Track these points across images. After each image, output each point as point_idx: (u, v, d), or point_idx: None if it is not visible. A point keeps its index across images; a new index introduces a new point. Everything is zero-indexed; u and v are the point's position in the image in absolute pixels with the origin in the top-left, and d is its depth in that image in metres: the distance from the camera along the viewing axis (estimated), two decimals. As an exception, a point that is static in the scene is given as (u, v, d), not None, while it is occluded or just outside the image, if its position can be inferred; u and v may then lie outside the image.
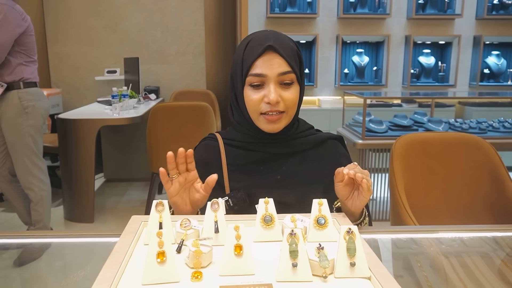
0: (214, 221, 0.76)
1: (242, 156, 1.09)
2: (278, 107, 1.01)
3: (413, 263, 0.90)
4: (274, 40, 1.01)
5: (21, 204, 2.70)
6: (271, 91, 0.99)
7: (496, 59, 4.76)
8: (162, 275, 0.62)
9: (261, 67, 1.00)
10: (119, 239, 0.73)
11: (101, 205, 3.55)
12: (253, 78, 1.01)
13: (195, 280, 0.63)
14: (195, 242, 0.66)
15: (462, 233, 0.97)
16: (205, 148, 1.14)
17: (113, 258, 0.66)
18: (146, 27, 4.34)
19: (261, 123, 1.04)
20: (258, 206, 0.80)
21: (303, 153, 1.11)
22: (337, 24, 4.65)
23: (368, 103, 3.52)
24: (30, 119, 2.53)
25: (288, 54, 1.01)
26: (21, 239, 0.98)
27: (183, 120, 2.97)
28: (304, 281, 0.63)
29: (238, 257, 0.64)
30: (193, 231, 0.75)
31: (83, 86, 4.40)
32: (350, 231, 0.65)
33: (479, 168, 1.69)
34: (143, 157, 3.91)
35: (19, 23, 2.43)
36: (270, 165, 1.08)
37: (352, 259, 0.64)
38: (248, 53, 1.03)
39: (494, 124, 3.09)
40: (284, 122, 1.05)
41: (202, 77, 4.46)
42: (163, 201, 0.78)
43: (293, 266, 0.62)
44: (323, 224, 0.77)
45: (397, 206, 1.57)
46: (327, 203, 0.80)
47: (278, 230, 0.78)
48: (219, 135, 1.15)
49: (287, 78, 1.01)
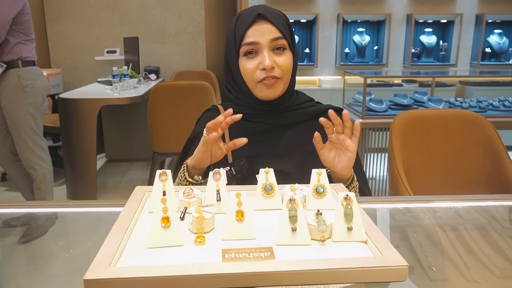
0: (216, 190, 0.78)
1: (243, 127, 1.10)
2: (274, 72, 1.03)
3: (409, 233, 0.92)
4: (263, 9, 1.04)
5: (24, 183, 2.73)
6: (265, 57, 1.01)
7: (498, 38, 4.73)
8: (167, 239, 0.64)
9: (253, 35, 1.03)
10: (124, 208, 0.75)
11: (103, 185, 3.58)
12: (246, 47, 1.04)
13: (198, 244, 0.65)
14: (198, 208, 0.68)
15: (457, 202, 1.00)
16: (207, 119, 1.15)
17: (119, 224, 0.68)
18: (145, 6, 4.30)
19: (259, 90, 1.07)
20: (258, 176, 0.82)
21: (303, 124, 1.13)
22: (338, 3, 4.60)
23: (368, 82, 3.52)
24: (30, 98, 2.53)
25: (278, 21, 1.04)
26: (28, 208, 1.01)
27: (183, 99, 2.98)
28: (303, 244, 0.65)
29: (239, 222, 0.66)
30: (195, 199, 0.77)
31: (83, 66, 4.39)
32: (348, 197, 0.67)
33: (477, 144, 1.70)
34: (144, 136, 3.93)
35: (16, 1, 2.42)
36: (270, 135, 1.11)
37: (349, 224, 0.66)
38: (239, 25, 1.05)
39: (494, 103, 3.09)
40: (281, 88, 1.07)
41: (202, 57, 4.44)
42: (167, 171, 0.80)
43: (292, 231, 0.64)
44: (321, 193, 0.79)
45: (395, 181, 1.59)
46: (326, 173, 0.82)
47: (278, 199, 0.80)
48: (221, 107, 1.17)
49: (280, 43, 1.04)
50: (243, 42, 1.04)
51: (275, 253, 0.61)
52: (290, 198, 0.65)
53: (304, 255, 0.62)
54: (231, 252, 0.61)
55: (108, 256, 0.58)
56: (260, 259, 0.59)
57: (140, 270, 0.56)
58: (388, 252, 0.60)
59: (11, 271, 0.77)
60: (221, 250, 0.62)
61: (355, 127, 0.94)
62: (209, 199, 0.78)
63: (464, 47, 4.72)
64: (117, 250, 0.61)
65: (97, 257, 0.58)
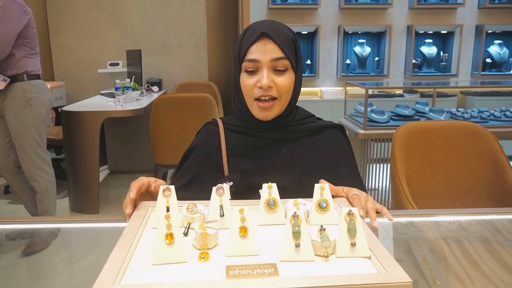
0: (220, 206, 0.78)
1: (241, 141, 1.11)
2: (271, 92, 1.03)
3: (413, 247, 0.92)
4: (268, 27, 1.04)
5: (27, 195, 2.74)
6: (264, 76, 1.01)
7: (498, 48, 4.75)
8: (171, 255, 0.64)
9: (255, 53, 1.03)
10: (127, 223, 0.76)
11: (105, 197, 3.58)
12: (247, 64, 1.04)
13: (202, 260, 0.65)
14: (202, 224, 0.68)
15: (461, 216, 1.00)
16: (206, 133, 1.18)
17: (123, 241, 0.68)
18: (148, 19, 4.34)
19: (255, 109, 1.07)
20: (261, 191, 0.82)
21: (301, 140, 1.13)
22: (338, 15, 4.64)
23: (370, 93, 3.53)
24: (34, 111, 2.55)
25: (282, 40, 1.03)
26: (30, 224, 1.01)
27: (186, 111, 3.00)
28: (306, 260, 0.65)
29: (243, 238, 0.67)
30: (199, 215, 0.78)
31: (86, 78, 4.42)
32: (351, 213, 0.67)
33: (479, 156, 1.70)
34: (146, 148, 3.94)
35: (21, 16, 2.45)
36: (267, 150, 1.11)
37: (353, 240, 0.66)
38: (245, 40, 1.06)
39: (496, 113, 3.09)
40: (277, 110, 1.06)
41: (204, 69, 4.47)
42: (170, 186, 0.80)
43: (296, 247, 0.65)
44: (325, 207, 0.79)
45: (398, 193, 1.59)
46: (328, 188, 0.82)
47: (281, 214, 0.81)
48: (220, 121, 1.18)
49: (280, 64, 1.03)
50: (245, 58, 1.04)
51: (278, 270, 0.61)
52: (294, 214, 0.65)
53: (308, 271, 0.62)
54: (235, 269, 0.61)
55: (113, 273, 0.58)
56: (264, 275, 0.59)
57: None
58: (392, 268, 0.60)
59: (15, 285, 0.77)
60: (225, 266, 0.62)
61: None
62: (212, 215, 0.78)
63: (465, 58, 4.74)
64: (121, 267, 0.61)
65: (102, 274, 0.58)
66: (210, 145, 1.13)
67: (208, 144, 1.14)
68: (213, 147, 1.13)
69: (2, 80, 2.44)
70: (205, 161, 1.12)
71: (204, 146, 1.14)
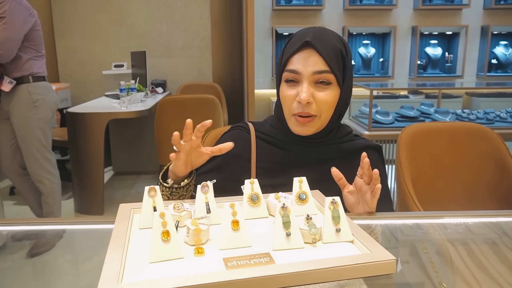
0: (205, 203, 0.80)
1: (273, 154, 1.05)
2: (310, 109, 0.96)
3: (419, 249, 0.92)
4: (314, 36, 0.96)
5: (32, 197, 2.75)
6: (303, 90, 0.94)
7: (504, 49, 4.72)
8: (168, 252, 0.65)
9: (296, 63, 0.96)
10: (114, 226, 0.76)
11: (110, 198, 3.59)
12: (287, 74, 0.97)
13: (199, 255, 0.66)
14: (194, 221, 0.70)
15: (468, 218, 0.99)
16: (234, 138, 1.02)
17: (115, 242, 0.69)
18: (152, 21, 4.36)
19: (292, 124, 1.00)
20: (244, 187, 0.84)
21: (336, 160, 1.03)
22: (343, 16, 4.63)
23: (374, 94, 3.52)
24: (40, 113, 2.57)
25: (327, 52, 0.95)
26: (35, 225, 1.02)
27: (190, 112, 3.00)
28: (297, 248, 0.68)
29: (235, 231, 0.69)
30: (186, 213, 0.79)
31: (91, 80, 4.45)
32: (334, 202, 0.72)
33: (485, 157, 1.69)
34: (151, 150, 3.95)
35: (27, 18, 2.46)
36: (299, 168, 1.03)
37: (337, 226, 0.71)
38: (288, 48, 0.99)
39: (502, 115, 3.07)
40: (315, 127, 0.99)
41: (208, 70, 4.48)
42: (155, 186, 0.82)
43: (287, 236, 0.68)
44: (304, 199, 0.83)
45: (404, 195, 1.58)
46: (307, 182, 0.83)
47: (264, 208, 0.83)
48: (251, 126, 1.10)
49: (323, 77, 0.95)
50: (286, 67, 0.98)
51: (273, 258, 0.64)
52: (283, 206, 0.69)
53: (300, 257, 0.66)
54: (233, 260, 0.63)
55: (114, 273, 0.59)
56: (262, 264, 0.62)
57: (151, 284, 0.56)
58: (376, 249, 0.65)
59: (20, 286, 0.78)
60: (222, 259, 0.64)
61: (373, 176, 0.87)
62: (199, 212, 0.80)
63: (470, 59, 4.72)
64: (120, 267, 0.61)
65: (104, 275, 0.58)
66: (238, 154, 1.05)
67: (235, 152, 0.99)
68: (241, 156, 1.06)
69: (8, 82, 2.46)
70: (231, 168, 1.06)
71: (230, 153, 0.97)
